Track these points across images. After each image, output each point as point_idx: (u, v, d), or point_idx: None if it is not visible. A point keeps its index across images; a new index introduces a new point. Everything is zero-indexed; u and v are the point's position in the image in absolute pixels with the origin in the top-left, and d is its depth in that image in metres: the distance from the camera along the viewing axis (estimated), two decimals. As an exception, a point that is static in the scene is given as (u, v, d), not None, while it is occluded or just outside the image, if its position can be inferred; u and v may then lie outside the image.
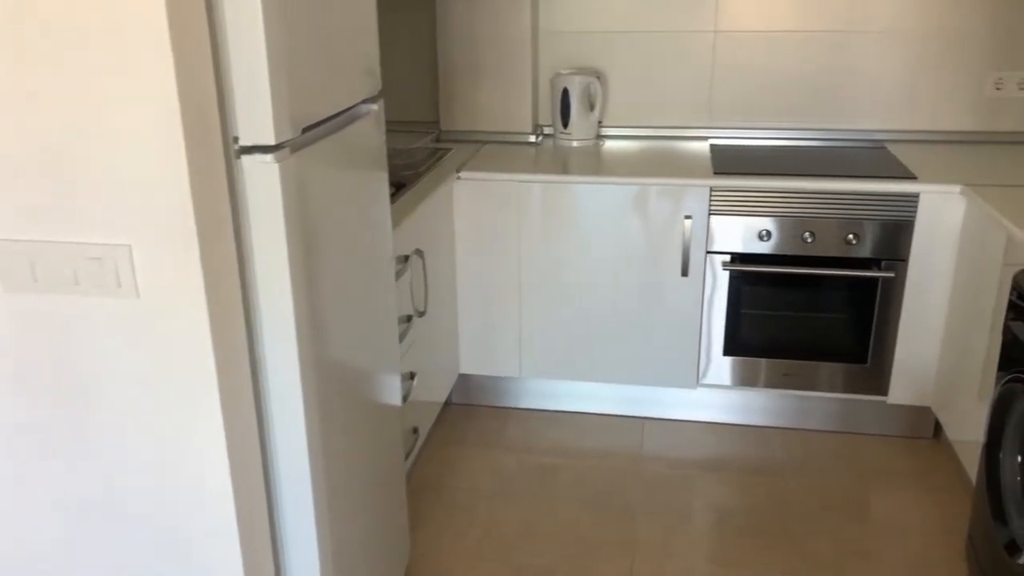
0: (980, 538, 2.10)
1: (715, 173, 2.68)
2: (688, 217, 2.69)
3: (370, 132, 1.80)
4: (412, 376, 2.42)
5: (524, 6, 3.03)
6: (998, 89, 2.96)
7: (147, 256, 1.30)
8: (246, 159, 1.36)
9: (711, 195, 2.66)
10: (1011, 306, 2.01)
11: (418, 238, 2.45)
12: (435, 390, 2.76)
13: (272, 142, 1.35)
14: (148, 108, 1.22)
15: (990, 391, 2.33)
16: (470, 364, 3.00)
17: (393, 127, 3.30)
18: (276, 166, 1.36)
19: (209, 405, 1.38)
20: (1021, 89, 2.94)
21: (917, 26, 2.94)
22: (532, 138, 3.18)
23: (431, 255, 2.58)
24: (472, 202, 2.81)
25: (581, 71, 3.14)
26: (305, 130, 1.46)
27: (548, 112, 3.24)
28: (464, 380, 3.08)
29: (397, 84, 3.29)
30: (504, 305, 2.90)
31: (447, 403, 3.10)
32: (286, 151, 1.39)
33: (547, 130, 3.26)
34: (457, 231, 2.85)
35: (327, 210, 1.57)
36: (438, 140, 3.20)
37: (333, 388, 1.66)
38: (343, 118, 1.65)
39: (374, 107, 1.82)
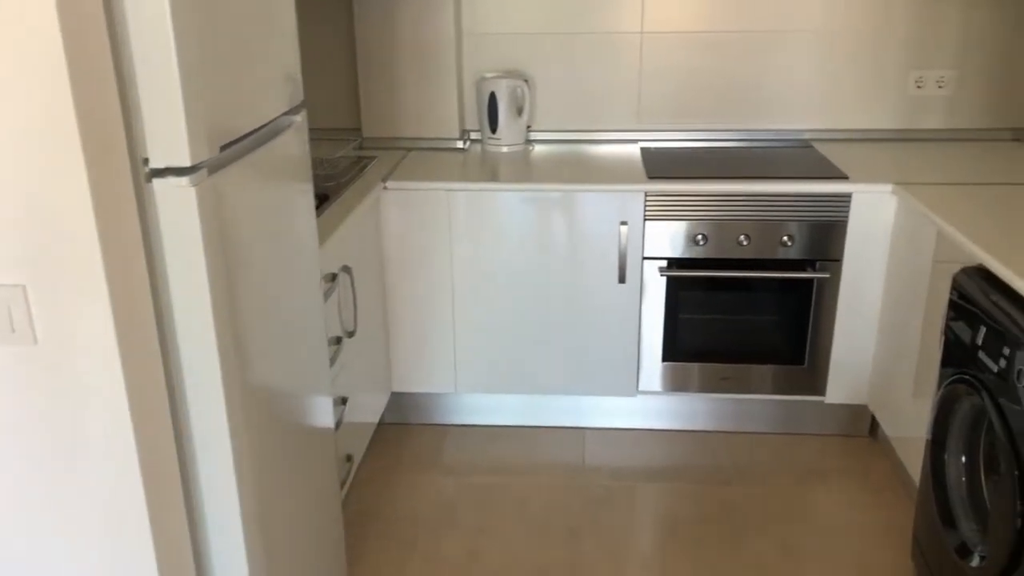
0: (928, 541, 2.10)
1: (649, 178, 2.62)
2: (624, 223, 2.62)
3: (293, 145, 1.67)
4: (344, 401, 2.29)
5: (446, 7, 2.92)
6: (919, 87, 3.00)
7: (45, 297, 1.14)
8: (158, 183, 1.22)
9: (646, 200, 2.61)
10: (951, 306, 2.01)
11: (345, 254, 2.32)
12: (368, 411, 2.63)
13: (187, 163, 1.21)
14: (40, 128, 1.07)
15: (925, 388, 2.34)
16: (403, 382, 2.87)
17: (313, 135, 3.13)
18: (192, 190, 1.22)
19: (127, 469, 1.23)
20: (940, 87, 2.99)
21: (839, 26, 2.95)
22: (459, 144, 3.07)
23: (359, 270, 2.45)
24: (400, 213, 2.68)
25: (507, 74, 3.05)
26: (223, 148, 1.32)
27: (474, 117, 3.13)
28: (397, 398, 2.95)
29: (315, 90, 3.13)
30: (437, 319, 2.78)
31: (380, 423, 2.97)
32: (202, 172, 1.25)
33: (474, 135, 3.15)
34: (385, 243, 2.72)
35: (250, 233, 1.43)
36: (361, 148, 3.05)
37: (263, 423, 1.52)
38: (264, 132, 1.51)
39: (297, 118, 1.68)
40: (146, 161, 1.21)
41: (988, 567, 1.79)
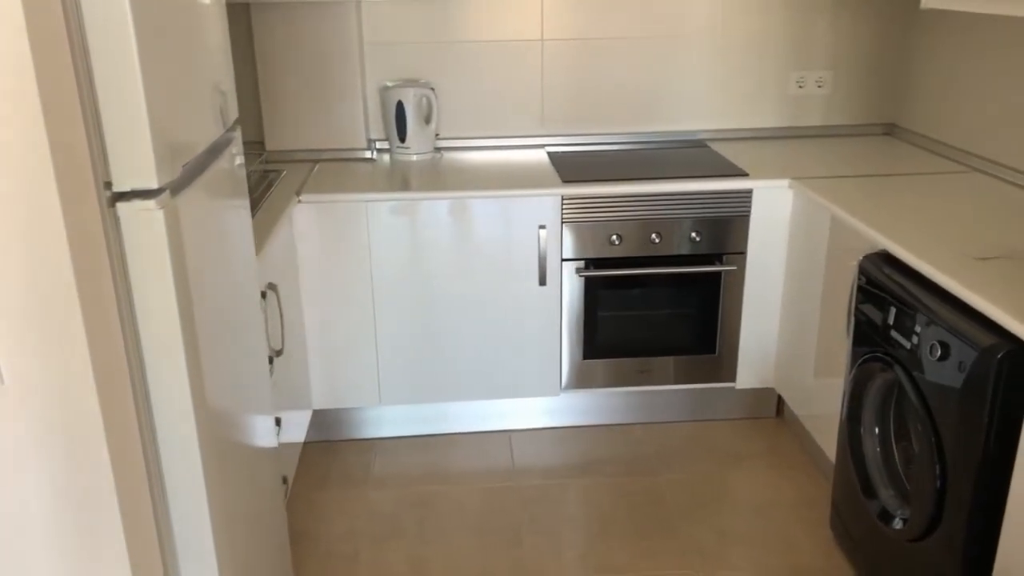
0: (848, 511, 2.26)
1: (564, 182, 2.69)
2: (543, 227, 2.68)
3: (233, 162, 1.62)
4: (278, 422, 2.23)
5: (348, 18, 2.89)
6: (800, 87, 3.21)
7: (8, 336, 1.07)
8: (123, 207, 1.17)
9: (563, 204, 2.67)
10: (860, 290, 2.17)
11: (269, 271, 2.26)
12: (294, 431, 2.56)
13: (154, 185, 1.16)
14: (10, 157, 1.00)
15: (826, 367, 2.52)
16: (325, 398, 2.82)
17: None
18: (160, 212, 1.17)
19: (108, 516, 1.17)
20: (819, 87, 3.21)
21: (726, 32, 3.12)
22: (367, 154, 3.04)
23: (281, 287, 2.39)
24: (316, 226, 2.64)
25: (411, 83, 3.04)
26: (184, 167, 1.27)
27: (380, 126, 3.11)
28: (319, 416, 2.89)
29: (211, 103, 3.02)
30: (358, 332, 2.75)
31: (304, 443, 2.90)
32: (167, 194, 1.20)
33: (380, 144, 3.13)
34: (301, 257, 2.66)
35: (205, 253, 1.39)
36: (266, 162, 2.97)
37: (225, 447, 1.47)
38: (212, 150, 1.46)
39: (235, 134, 1.64)
40: (108, 185, 1.15)
41: (911, 528, 1.94)
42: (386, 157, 3.07)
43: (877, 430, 2.16)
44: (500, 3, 3.01)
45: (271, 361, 2.20)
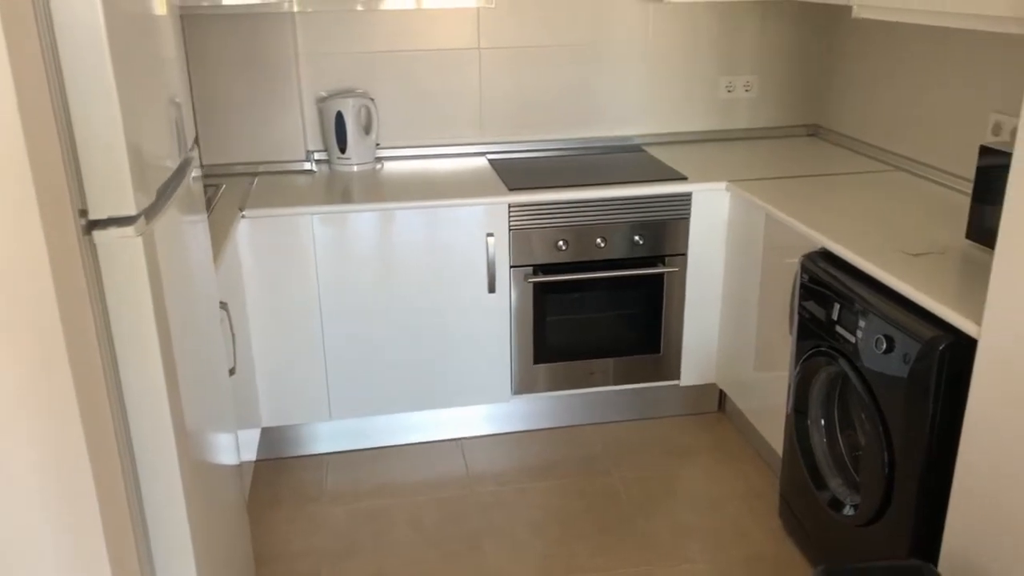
0: (798, 501, 2.35)
1: (511, 189, 2.71)
2: (490, 235, 2.70)
3: (197, 188, 1.59)
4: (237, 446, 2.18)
5: (283, 29, 2.85)
6: (729, 92, 3.31)
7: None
8: (100, 235, 1.13)
9: (510, 211, 2.70)
10: (803, 287, 2.27)
11: (221, 289, 2.21)
12: (245, 451, 2.51)
13: (132, 212, 1.13)
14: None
15: (766, 361, 2.62)
16: (273, 415, 2.77)
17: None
18: (139, 240, 1.15)
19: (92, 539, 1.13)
20: (747, 91, 3.32)
21: (658, 39, 3.20)
22: (306, 165, 3.00)
23: (230, 304, 2.34)
24: (261, 241, 2.59)
25: (349, 93, 3.02)
26: (158, 192, 1.24)
27: (318, 137, 3.08)
28: (268, 434, 2.84)
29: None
30: (306, 347, 2.71)
31: (254, 462, 2.84)
32: (143, 220, 1.17)
33: (319, 156, 3.09)
34: (246, 273, 2.61)
35: (179, 273, 1.36)
36: (204, 176, 2.90)
37: (202, 466, 1.44)
38: (179, 169, 1.43)
39: (195, 154, 1.60)
40: (83, 213, 1.12)
41: (861, 514, 2.04)
42: (325, 168, 3.04)
43: (823, 422, 2.26)
44: (436, 13, 3.02)
45: (225, 381, 2.16)
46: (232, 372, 2.24)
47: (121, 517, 1.22)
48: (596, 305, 2.89)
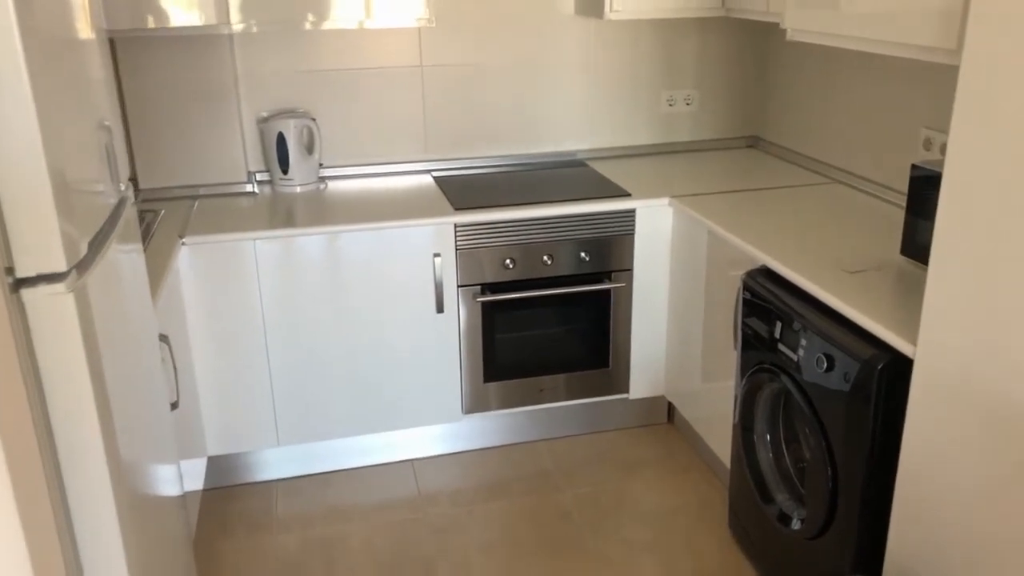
0: (747, 515, 2.39)
1: (456, 209, 2.70)
2: (437, 255, 2.69)
3: (132, 218, 1.55)
4: (181, 479, 2.14)
5: (220, 49, 2.80)
6: (671, 106, 3.35)
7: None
8: (27, 293, 1.10)
9: (456, 231, 2.69)
10: (746, 304, 2.30)
11: (160, 322, 2.16)
12: (191, 481, 2.46)
13: (62, 268, 1.10)
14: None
15: (712, 373, 2.66)
16: (219, 444, 2.72)
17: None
18: (70, 296, 1.11)
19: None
20: (688, 104, 3.36)
21: (598, 55, 3.22)
22: (248, 187, 2.95)
23: (169, 332, 2.29)
24: (202, 268, 2.54)
25: (290, 113, 2.98)
26: (91, 243, 1.21)
27: (259, 158, 3.03)
28: (215, 462, 2.79)
29: (75, 140, 2.85)
30: (250, 373, 2.67)
31: (201, 491, 2.78)
32: (74, 275, 1.14)
33: (260, 176, 3.05)
34: (187, 300, 2.56)
35: (114, 316, 1.32)
36: (141, 201, 2.84)
37: (139, 506, 1.41)
38: (115, 214, 1.39)
39: (130, 193, 1.56)
40: (10, 270, 1.08)
41: (807, 527, 2.08)
42: (267, 189, 2.99)
43: (768, 437, 2.29)
44: (378, 31, 3.00)
45: (168, 416, 2.11)
46: (175, 406, 2.20)
47: (53, 557, 1.19)
48: (545, 322, 2.90)
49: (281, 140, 2.89)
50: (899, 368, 1.76)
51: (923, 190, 2.03)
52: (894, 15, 1.98)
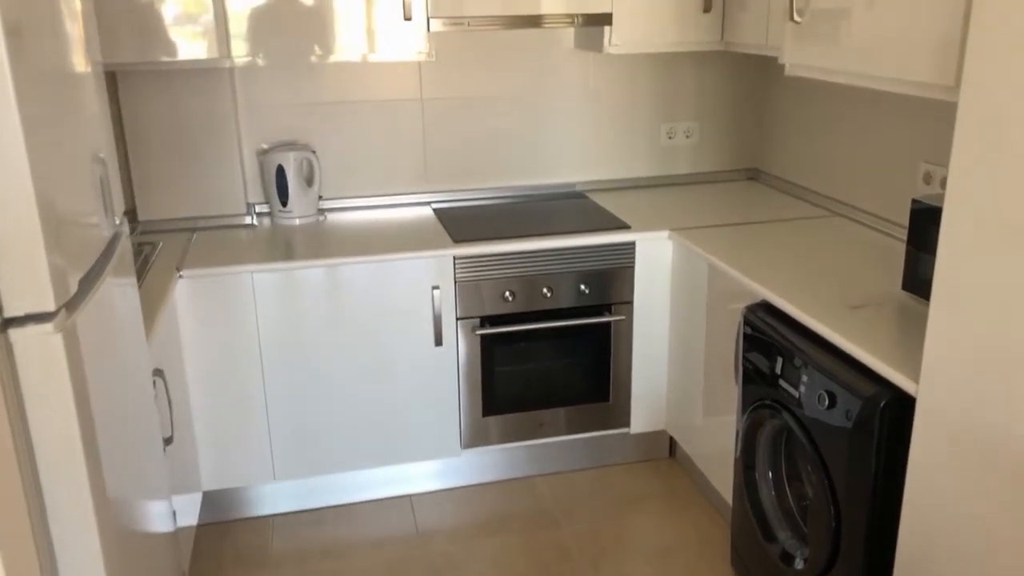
0: (749, 552, 2.35)
1: (455, 241, 2.69)
2: (436, 287, 2.67)
3: (127, 252, 1.54)
4: (174, 515, 2.11)
5: (221, 81, 2.81)
6: (670, 138, 3.35)
7: None
8: (15, 333, 1.08)
9: (455, 263, 2.68)
10: (747, 339, 2.28)
11: (155, 356, 2.14)
12: (185, 516, 2.43)
13: (51, 308, 1.09)
14: None
15: (713, 407, 2.63)
16: (215, 479, 2.69)
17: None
18: (58, 336, 1.10)
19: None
20: (688, 137, 3.37)
21: (598, 89, 3.23)
22: (247, 219, 2.95)
23: (166, 369, 2.27)
24: (199, 301, 2.53)
25: (290, 145, 2.99)
26: (82, 280, 1.20)
27: (258, 190, 3.03)
28: (210, 497, 2.76)
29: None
30: (247, 407, 2.65)
31: (196, 527, 2.75)
32: (63, 314, 1.12)
33: (259, 208, 3.05)
34: (184, 334, 2.54)
35: (104, 354, 1.30)
36: (140, 233, 2.83)
37: (128, 545, 1.38)
38: (107, 250, 1.38)
39: (124, 228, 1.55)
40: (-3, 310, 1.07)
41: (811, 567, 2.04)
42: (267, 221, 2.99)
43: (771, 474, 2.26)
44: (378, 64, 3.01)
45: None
46: (169, 441, 2.17)
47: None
48: (544, 355, 2.88)
49: (281, 173, 2.89)
50: (901, 406, 1.74)
51: (924, 225, 2.02)
52: (892, 51, 1.98)
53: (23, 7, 1.09)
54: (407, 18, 2.66)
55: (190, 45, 2.53)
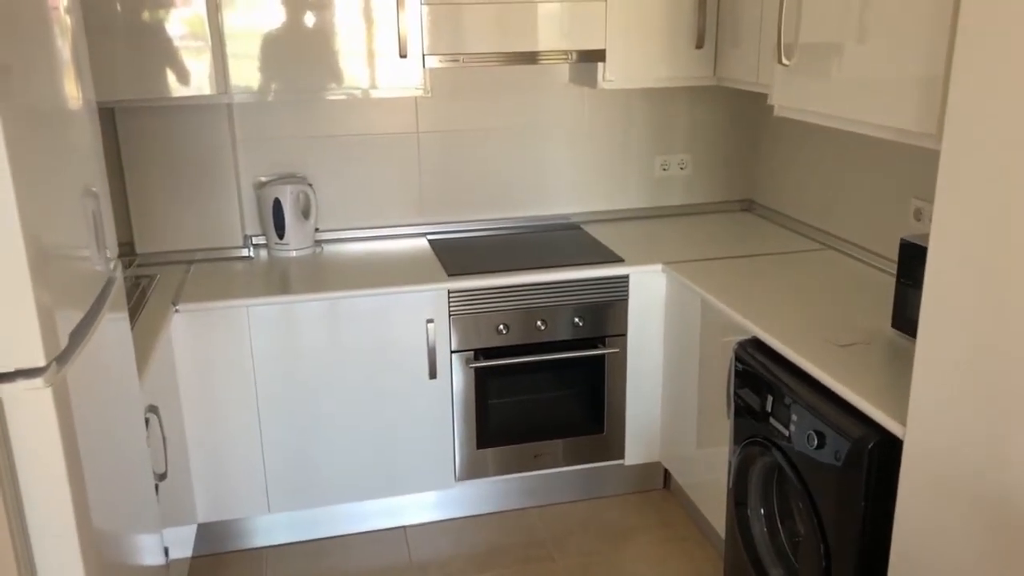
0: (741, 584, 2.35)
1: (450, 275, 2.71)
2: (430, 321, 2.69)
3: (120, 292, 1.55)
4: (166, 552, 2.11)
5: (218, 115, 2.85)
6: (664, 170, 3.38)
7: None
8: (4, 388, 1.10)
9: (450, 297, 2.69)
10: (738, 374, 2.29)
11: (150, 392, 2.16)
12: (179, 549, 2.43)
13: (41, 363, 1.10)
14: None
15: (707, 439, 2.64)
16: (209, 511, 2.70)
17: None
18: (48, 391, 1.11)
19: None
20: (682, 169, 3.39)
21: (592, 121, 3.26)
22: (244, 251, 2.97)
23: (160, 403, 2.28)
24: (195, 335, 2.54)
25: (287, 178, 3.01)
26: (72, 334, 1.21)
27: (255, 222, 3.05)
28: (205, 529, 2.76)
29: (73, 205, 2.88)
30: (242, 440, 2.66)
31: (190, 559, 2.75)
32: (53, 368, 1.14)
33: (256, 240, 3.07)
34: (180, 366, 2.56)
35: (94, 398, 1.32)
36: (138, 265, 2.85)
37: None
38: (100, 298, 1.40)
39: (118, 273, 1.57)
40: (-13, 365, 1.09)
41: (801, 606, 2.05)
42: (264, 253, 3.01)
43: (763, 511, 2.27)
44: (375, 99, 3.04)
45: (156, 488, 2.10)
46: (163, 477, 2.18)
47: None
48: (539, 387, 2.89)
49: (277, 205, 2.92)
50: (890, 447, 1.75)
51: (912, 263, 2.04)
52: (877, 97, 2.00)
53: (11, 47, 1.11)
54: (403, 55, 2.69)
55: (189, 82, 2.56)
